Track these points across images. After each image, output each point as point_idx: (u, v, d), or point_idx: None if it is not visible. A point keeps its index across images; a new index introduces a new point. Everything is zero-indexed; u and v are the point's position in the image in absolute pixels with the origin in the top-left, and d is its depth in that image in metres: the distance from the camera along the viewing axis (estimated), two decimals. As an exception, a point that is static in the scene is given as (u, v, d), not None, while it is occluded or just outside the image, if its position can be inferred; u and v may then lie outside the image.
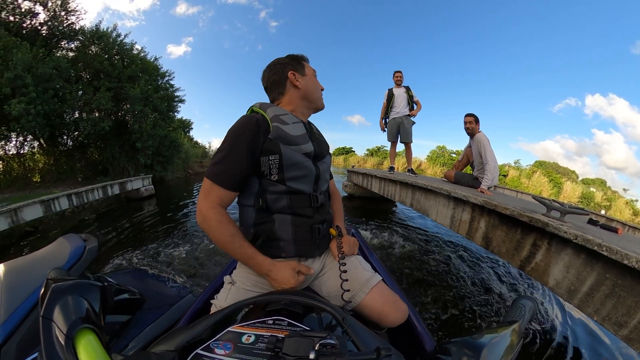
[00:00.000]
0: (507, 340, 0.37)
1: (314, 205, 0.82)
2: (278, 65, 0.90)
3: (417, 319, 0.91)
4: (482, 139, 3.01)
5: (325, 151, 0.91)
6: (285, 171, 0.76)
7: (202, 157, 17.60)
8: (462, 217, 2.66)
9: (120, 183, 6.68)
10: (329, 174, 0.95)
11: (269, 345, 0.46)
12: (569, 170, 19.99)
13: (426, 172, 17.02)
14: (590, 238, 1.45)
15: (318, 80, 0.96)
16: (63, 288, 0.41)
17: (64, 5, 7.95)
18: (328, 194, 0.95)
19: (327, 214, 0.92)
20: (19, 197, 5.25)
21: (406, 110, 4.07)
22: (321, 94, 0.96)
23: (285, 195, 0.78)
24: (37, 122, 6.21)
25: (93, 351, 0.37)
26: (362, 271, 0.87)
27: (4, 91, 5.68)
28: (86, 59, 7.88)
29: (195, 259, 3.31)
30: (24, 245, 4.06)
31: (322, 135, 0.98)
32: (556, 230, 1.62)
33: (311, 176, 0.82)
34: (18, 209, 3.93)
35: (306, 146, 0.80)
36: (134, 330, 0.93)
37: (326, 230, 0.88)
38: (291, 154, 0.76)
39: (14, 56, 5.79)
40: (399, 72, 4.12)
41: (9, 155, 7.52)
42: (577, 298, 1.58)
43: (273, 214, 0.79)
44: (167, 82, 10.16)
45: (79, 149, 8.64)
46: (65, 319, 0.38)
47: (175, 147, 10.25)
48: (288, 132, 0.77)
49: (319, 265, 0.89)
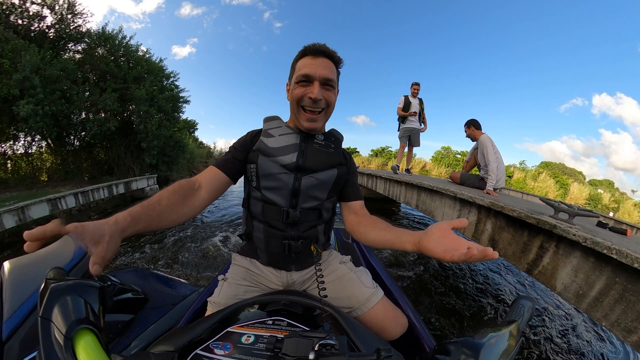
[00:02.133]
0: (505, 339, 0.37)
1: (284, 219, 0.79)
2: None
3: (416, 319, 0.92)
4: (483, 140, 3.02)
5: (321, 166, 0.80)
6: (261, 180, 0.79)
7: (207, 157, 17.73)
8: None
9: (126, 182, 6.78)
10: (324, 192, 0.83)
11: (269, 346, 0.46)
12: (576, 171, 19.72)
13: (431, 173, 16.90)
14: (599, 241, 1.41)
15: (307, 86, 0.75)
16: (62, 288, 0.40)
17: (71, 9, 8.06)
18: (318, 214, 0.84)
19: (307, 231, 0.83)
20: (26, 195, 5.33)
21: (417, 123, 4.50)
22: (307, 103, 0.75)
23: (260, 202, 0.81)
24: (45, 123, 6.31)
25: (92, 352, 0.37)
26: (362, 289, 0.84)
27: (12, 92, 5.77)
28: (93, 60, 7.99)
29: (202, 257, 3.34)
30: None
31: (332, 148, 0.85)
32: (564, 232, 1.57)
33: (285, 189, 0.78)
34: (25, 207, 4.02)
35: (286, 158, 0.78)
36: (136, 330, 0.93)
37: (301, 247, 0.82)
38: (266, 164, 0.77)
39: (22, 58, 5.88)
40: (417, 84, 4.40)
41: (18, 154, 7.64)
42: (586, 303, 1.53)
43: (253, 220, 0.85)
44: (172, 83, 10.23)
45: (85, 148, 8.74)
46: (64, 320, 0.38)
47: (180, 147, 10.32)
48: (267, 144, 0.79)
49: (300, 278, 0.88)
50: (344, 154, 0.90)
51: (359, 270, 0.91)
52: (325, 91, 0.76)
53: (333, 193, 0.86)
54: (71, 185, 7.02)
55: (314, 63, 0.74)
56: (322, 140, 0.85)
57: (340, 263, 0.91)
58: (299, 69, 0.75)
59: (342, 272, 0.87)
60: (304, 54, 0.76)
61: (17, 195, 5.47)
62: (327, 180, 0.82)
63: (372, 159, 22.26)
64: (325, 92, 0.76)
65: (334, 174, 0.83)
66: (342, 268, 0.89)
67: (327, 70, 0.74)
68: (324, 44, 0.76)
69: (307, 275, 0.89)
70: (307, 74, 0.73)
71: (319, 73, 0.73)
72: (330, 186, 0.83)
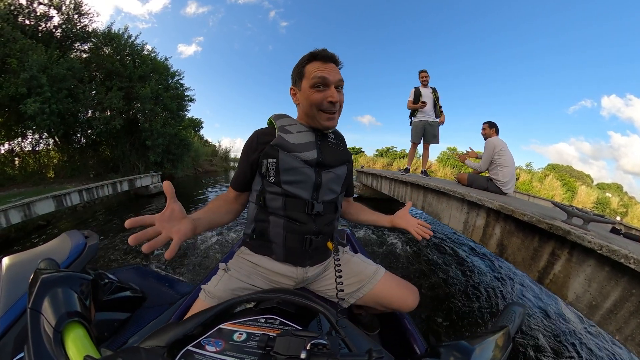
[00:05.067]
0: (496, 344, 0.38)
1: (308, 211, 0.83)
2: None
3: (409, 322, 0.94)
4: (487, 143, 3.15)
5: (337, 162, 0.89)
6: (282, 174, 0.81)
7: (212, 155, 17.80)
8: (476, 222, 2.54)
9: (130, 180, 6.83)
10: (339, 186, 0.91)
11: (260, 344, 0.46)
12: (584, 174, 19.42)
13: (436, 174, 16.78)
14: (616, 249, 1.32)
15: (324, 90, 0.79)
16: (52, 279, 0.40)
17: (77, 9, 8.16)
18: (335, 208, 0.91)
19: (326, 226, 0.88)
20: (33, 191, 5.39)
21: (433, 115, 3.94)
22: (327, 107, 0.80)
23: (281, 197, 0.82)
24: (52, 121, 6.40)
25: (82, 345, 0.36)
26: (367, 266, 0.95)
27: (20, 91, 5.86)
28: (99, 60, 8.09)
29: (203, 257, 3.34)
30: (36, 237, 4.20)
31: (341, 146, 0.95)
32: (579, 239, 1.49)
33: (309, 182, 0.83)
34: (31, 203, 4.07)
35: (307, 154, 0.82)
36: (133, 328, 0.92)
37: (321, 242, 0.87)
38: (287, 159, 0.80)
39: (30, 58, 5.97)
40: (425, 71, 3.88)
41: (25, 151, 7.76)
42: (599, 315, 1.45)
43: (269, 215, 0.84)
44: (177, 82, 10.31)
45: (91, 146, 8.86)
46: (54, 312, 0.37)
47: (185, 145, 10.39)
48: (288, 140, 0.82)
49: (313, 273, 0.90)
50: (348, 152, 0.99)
51: (358, 255, 1.02)
52: (338, 93, 0.81)
53: (343, 187, 0.94)
54: (77, 182, 7.08)
55: (325, 68, 0.79)
56: (334, 139, 0.93)
57: (343, 253, 1.01)
58: (312, 74, 0.79)
59: (346, 258, 0.98)
60: (313, 58, 0.81)
61: (24, 192, 5.54)
62: (341, 175, 0.90)
63: (377, 159, 22.21)
64: (339, 94, 0.82)
65: (345, 170, 0.92)
66: (346, 255, 1.00)
67: (337, 73, 0.81)
68: (325, 49, 0.82)
69: (319, 269, 0.92)
70: (324, 78, 0.78)
71: (334, 77, 0.79)
72: (342, 180, 0.92)
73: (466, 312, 2.59)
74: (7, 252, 3.15)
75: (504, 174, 2.99)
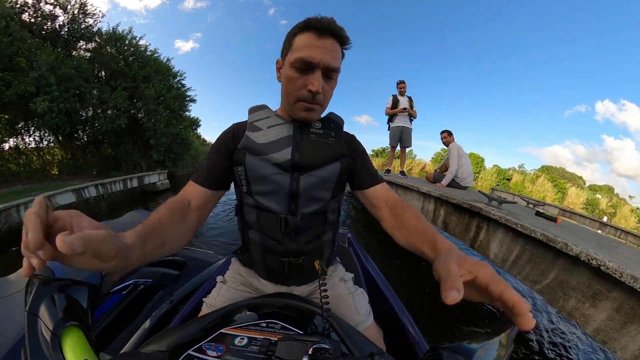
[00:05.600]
0: (498, 346, 0.37)
1: (282, 229, 0.67)
2: None
3: (410, 324, 0.90)
4: (451, 147, 3.75)
5: (321, 160, 0.67)
6: (252, 184, 0.67)
7: (210, 154, 17.79)
8: (428, 207, 3.43)
9: (139, 177, 7.23)
10: (328, 191, 0.71)
11: (262, 348, 0.46)
12: (576, 176, 19.85)
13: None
14: (509, 218, 2.03)
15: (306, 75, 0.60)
16: (50, 284, 0.39)
17: (82, 8, 8.29)
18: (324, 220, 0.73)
19: (311, 243, 0.72)
20: (39, 188, 5.54)
21: (407, 121, 4.45)
22: (304, 96, 0.61)
23: (254, 209, 0.69)
24: (60, 119, 6.58)
25: (80, 349, 0.36)
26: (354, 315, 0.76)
27: (29, 89, 6.00)
28: (102, 59, 8.23)
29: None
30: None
31: (332, 137, 0.71)
32: (488, 213, 2.25)
33: (281, 192, 0.66)
34: (52, 196, 4.46)
35: (278, 155, 0.65)
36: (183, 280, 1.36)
37: (304, 264, 0.72)
38: (255, 164, 0.65)
39: (38, 57, 6.11)
40: (403, 82, 4.34)
41: (29, 149, 7.87)
42: (507, 265, 2.14)
43: (249, 230, 0.73)
44: (179, 82, 10.51)
45: (93, 144, 9.00)
46: (52, 316, 0.36)
47: (186, 144, 10.61)
48: (255, 140, 0.66)
49: (300, 292, 0.80)
50: (346, 142, 0.75)
51: (357, 293, 0.81)
52: (326, 83, 0.62)
53: (338, 190, 0.74)
54: (80, 179, 7.17)
55: (318, 45, 0.58)
56: (320, 128, 0.71)
57: (341, 280, 0.83)
58: (298, 49, 0.59)
59: (339, 292, 0.79)
60: (306, 27, 0.59)
61: (29, 188, 5.69)
62: (329, 176, 0.69)
63: (373, 159, 22.46)
64: (326, 83, 0.62)
65: (337, 169, 0.69)
66: (340, 287, 0.81)
67: (332, 55, 0.60)
68: (331, 19, 0.59)
69: (308, 290, 0.81)
70: (308, 61, 0.58)
71: (324, 60, 0.58)
72: (334, 183, 0.70)
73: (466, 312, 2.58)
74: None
75: (462, 172, 3.67)
